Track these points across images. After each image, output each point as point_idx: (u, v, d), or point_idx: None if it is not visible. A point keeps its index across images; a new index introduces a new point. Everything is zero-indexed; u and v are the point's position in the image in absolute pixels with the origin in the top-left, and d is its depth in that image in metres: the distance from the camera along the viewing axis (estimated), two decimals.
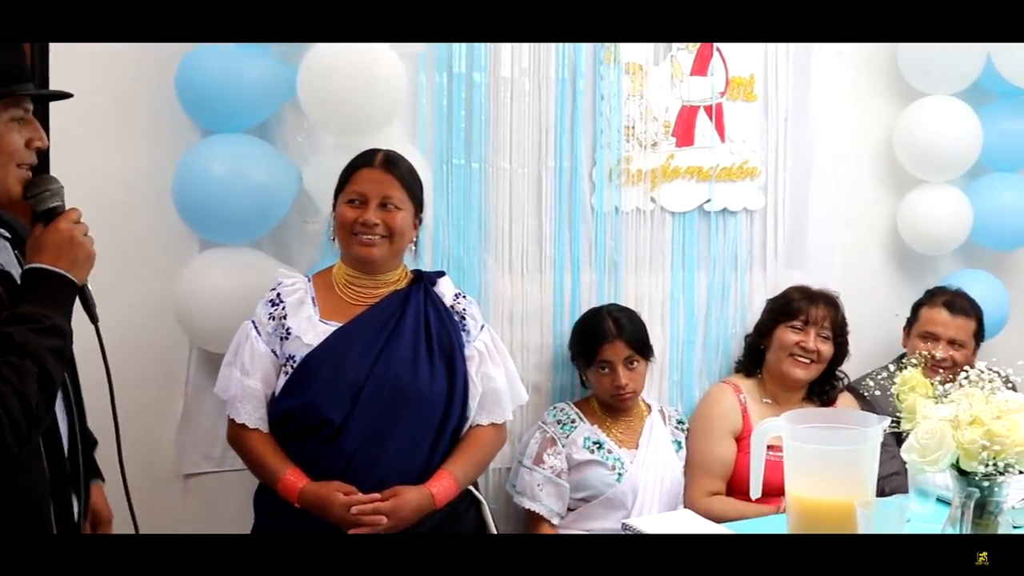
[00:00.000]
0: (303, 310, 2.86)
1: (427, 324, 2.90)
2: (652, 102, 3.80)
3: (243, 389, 2.84)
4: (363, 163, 2.89)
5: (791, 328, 3.67)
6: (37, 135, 2.16)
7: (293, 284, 2.91)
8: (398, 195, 2.86)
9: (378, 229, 2.83)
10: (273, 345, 2.85)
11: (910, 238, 4.30)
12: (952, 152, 4.20)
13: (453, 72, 3.52)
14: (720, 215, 3.94)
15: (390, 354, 2.82)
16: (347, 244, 2.87)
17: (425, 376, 2.84)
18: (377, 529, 2.70)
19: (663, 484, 3.54)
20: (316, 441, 2.78)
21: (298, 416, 2.80)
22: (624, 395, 3.50)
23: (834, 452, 2.61)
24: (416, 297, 2.92)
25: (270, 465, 2.80)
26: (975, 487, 2.31)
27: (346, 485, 2.73)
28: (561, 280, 3.73)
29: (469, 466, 2.93)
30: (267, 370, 2.85)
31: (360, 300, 2.89)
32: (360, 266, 2.89)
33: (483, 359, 2.98)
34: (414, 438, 2.82)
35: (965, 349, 3.83)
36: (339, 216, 2.87)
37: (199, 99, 3.18)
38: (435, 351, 2.88)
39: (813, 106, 4.09)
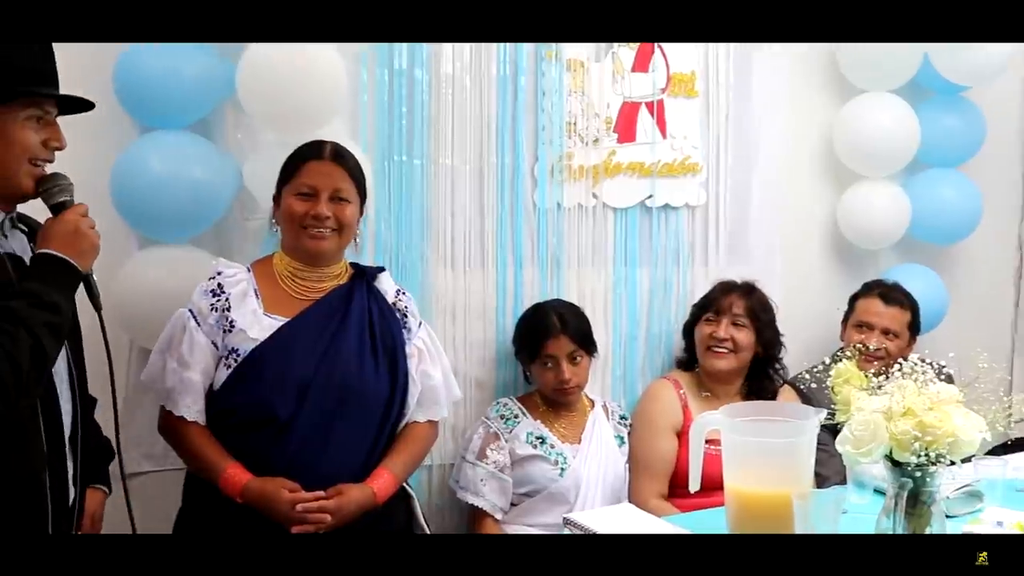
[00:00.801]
0: (247, 302, 2.82)
1: (371, 320, 2.90)
2: (593, 98, 3.81)
3: (181, 381, 2.79)
4: (312, 155, 2.87)
5: (706, 320, 3.72)
6: (54, 135, 2.28)
7: (235, 275, 2.87)
8: (347, 188, 2.86)
9: (329, 222, 2.82)
10: (214, 337, 2.81)
11: (850, 233, 4.35)
12: (890, 148, 4.26)
13: (394, 69, 3.51)
14: (662, 211, 3.96)
15: (336, 351, 2.81)
16: (296, 237, 2.85)
17: (370, 373, 2.84)
18: (320, 527, 2.69)
19: (606, 479, 3.55)
20: (261, 437, 2.75)
21: (243, 411, 2.77)
22: (568, 390, 3.52)
23: (770, 445, 2.64)
24: (360, 293, 2.91)
25: (210, 460, 2.76)
26: (908, 477, 2.34)
27: (291, 482, 2.71)
28: (503, 276, 3.74)
29: (407, 463, 2.94)
30: (207, 362, 2.81)
31: (304, 294, 2.88)
32: (307, 259, 2.87)
33: (422, 357, 2.99)
34: (357, 436, 2.82)
35: (899, 340, 3.88)
36: (287, 209, 2.84)
37: (138, 96, 3.16)
38: (379, 348, 2.88)
39: (754, 102, 4.12)
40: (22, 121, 2.22)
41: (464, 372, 3.71)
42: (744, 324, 3.66)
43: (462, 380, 3.67)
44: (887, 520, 2.38)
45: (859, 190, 4.30)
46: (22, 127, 2.22)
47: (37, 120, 2.25)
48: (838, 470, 3.27)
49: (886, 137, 4.24)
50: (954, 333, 4.27)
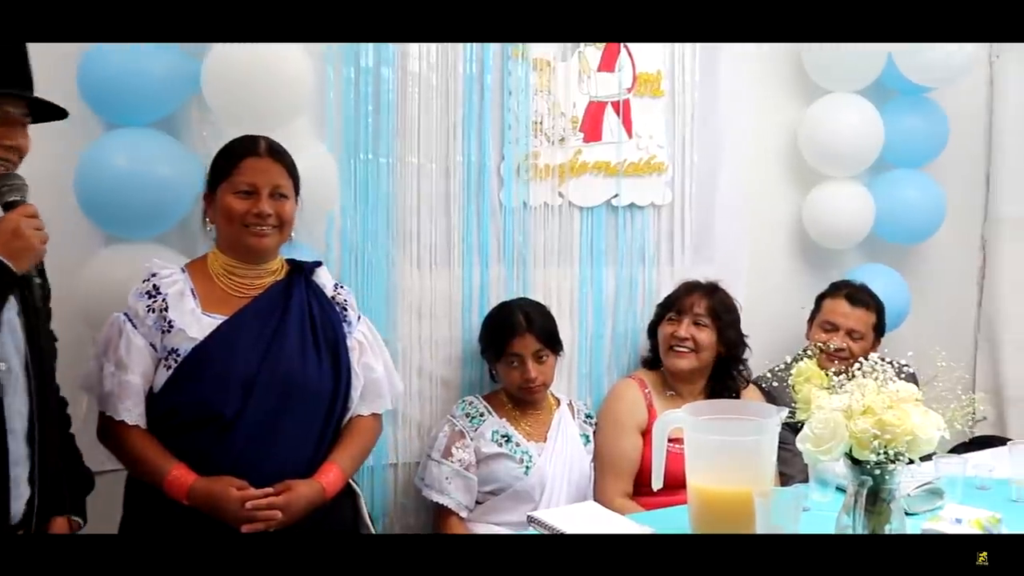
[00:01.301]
0: (184, 302, 2.78)
1: (311, 315, 2.87)
2: (560, 98, 3.83)
3: (120, 384, 2.73)
4: (247, 152, 2.83)
5: (668, 320, 3.73)
6: (7, 135, 2.29)
7: (170, 275, 2.82)
8: (286, 183, 2.83)
9: (271, 219, 2.79)
10: (152, 338, 2.76)
11: (814, 233, 4.38)
12: (855, 148, 4.30)
13: (361, 67, 3.51)
14: (628, 210, 3.98)
15: (279, 346, 2.78)
16: (238, 235, 2.81)
17: (314, 368, 2.82)
18: (271, 525, 2.67)
19: (571, 477, 3.56)
20: (205, 436, 2.71)
21: (185, 411, 2.73)
22: (533, 388, 3.53)
23: (733, 443, 2.66)
24: (298, 288, 2.89)
25: (154, 462, 2.71)
26: (868, 475, 2.36)
27: (238, 480, 2.67)
28: (470, 275, 3.74)
29: (354, 457, 2.92)
30: (146, 364, 2.76)
31: (242, 291, 2.84)
32: (247, 257, 2.84)
33: (363, 350, 2.98)
34: (303, 431, 2.80)
35: (863, 341, 3.89)
36: (227, 207, 2.80)
37: (102, 93, 3.13)
38: (321, 343, 2.86)
39: (720, 102, 4.15)
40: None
41: (430, 371, 3.71)
42: (706, 324, 3.67)
43: (427, 378, 3.71)
44: (847, 517, 2.40)
45: (824, 190, 4.34)
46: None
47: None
48: (802, 469, 3.30)
49: (851, 137, 4.28)
50: (917, 333, 4.30)
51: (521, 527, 3.26)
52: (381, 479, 3.65)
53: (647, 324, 3.96)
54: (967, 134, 4.71)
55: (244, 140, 2.88)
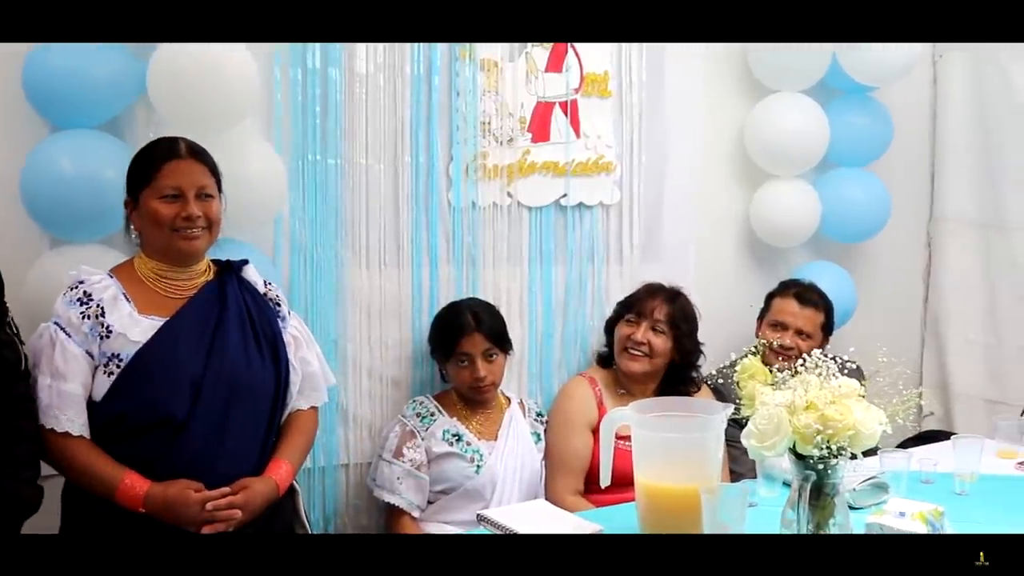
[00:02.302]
0: (119, 306, 2.72)
1: (249, 313, 2.86)
2: (508, 98, 3.84)
3: (60, 395, 2.65)
4: (169, 155, 2.78)
5: (626, 322, 3.73)
6: None
7: (100, 281, 2.76)
8: (210, 183, 2.80)
9: (200, 221, 2.75)
10: (89, 346, 2.69)
11: (762, 231, 4.43)
12: (800, 147, 4.35)
13: (308, 68, 3.50)
14: (576, 209, 4.00)
15: (221, 345, 2.76)
16: (167, 240, 2.76)
17: (256, 365, 2.81)
18: (231, 524, 2.65)
19: (522, 475, 3.57)
20: (156, 440, 2.67)
21: (134, 416, 2.68)
22: (483, 387, 3.54)
23: (678, 440, 2.68)
24: (231, 287, 2.87)
25: (102, 473, 2.65)
26: (811, 470, 2.38)
27: (195, 483, 2.65)
28: (419, 275, 3.74)
29: (300, 451, 2.93)
30: (84, 373, 2.69)
31: (176, 292, 2.80)
32: (177, 260, 2.80)
33: (298, 344, 2.98)
34: (250, 428, 2.79)
35: (812, 340, 3.92)
36: (153, 213, 2.74)
37: (47, 94, 3.11)
38: (261, 339, 2.85)
39: (667, 102, 4.18)
40: None
41: (380, 371, 3.71)
42: (663, 331, 3.67)
43: (377, 379, 3.71)
44: (792, 512, 2.42)
45: (770, 189, 4.38)
46: None
47: None
48: (752, 466, 3.31)
49: (796, 136, 4.33)
50: (863, 330, 4.35)
51: (472, 526, 3.26)
52: (333, 480, 3.64)
53: (597, 322, 3.99)
54: (911, 133, 4.77)
55: (162, 143, 2.84)
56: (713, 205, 4.39)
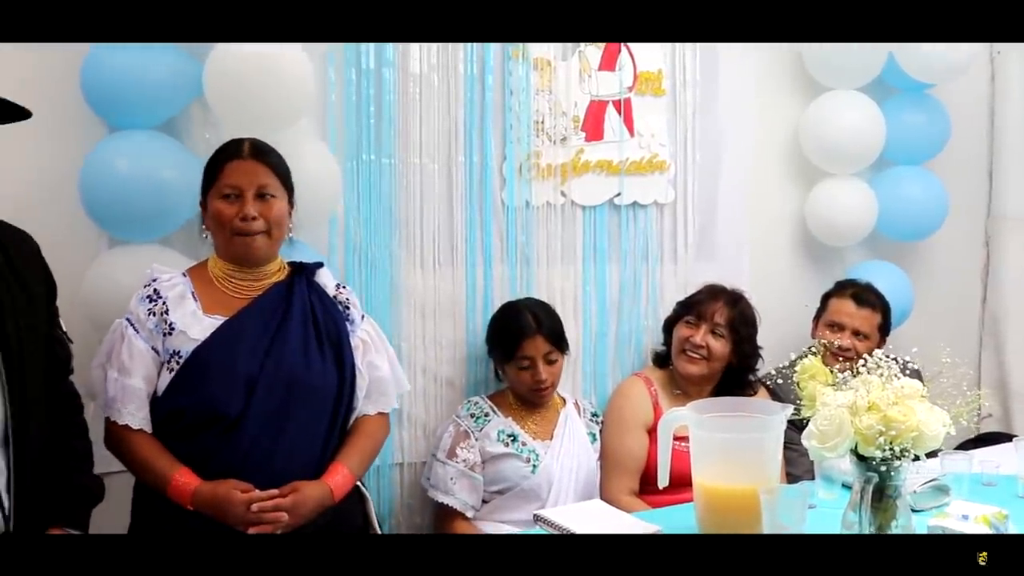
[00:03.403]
0: (185, 305, 2.77)
1: (314, 314, 2.86)
2: (561, 97, 3.83)
3: (124, 389, 2.72)
4: (232, 155, 2.82)
5: (686, 324, 3.70)
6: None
7: (171, 279, 2.82)
8: (273, 183, 2.81)
9: (257, 223, 2.77)
10: (154, 342, 2.75)
11: (817, 230, 4.38)
12: (856, 145, 4.29)
13: (362, 68, 3.52)
14: (630, 208, 3.98)
15: (281, 346, 2.77)
16: (227, 241, 2.80)
17: (317, 367, 2.81)
18: (277, 527, 2.65)
19: (578, 475, 3.56)
20: (210, 437, 2.70)
21: (190, 412, 2.71)
22: (543, 390, 3.53)
23: (737, 440, 2.66)
24: (300, 288, 2.88)
25: (158, 467, 2.70)
26: (873, 472, 2.36)
27: (242, 483, 2.65)
28: (473, 275, 3.75)
29: (362, 458, 2.91)
30: (149, 368, 2.75)
31: (243, 293, 2.83)
32: (241, 261, 2.83)
33: (367, 348, 2.96)
34: (308, 429, 2.78)
35: (869, 341, 3.87)
36: (214, 212, 2.79)
37: (105, 96, 3.14)
38: (324, 341, 2.85)
39: (721, 100, 4.14)
40: None
41: (435, 371, 3.72)
42: (723, 335, 3.64)
43: (432, 378, 3.71)
44: (853, 514, 2.40)
45: (826, 187, 4.34)
46: None
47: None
48: (808, 468, 3.29)
49: (852, 135, 4.27)
50: (920, 330, 4.30)
51: (528, 525, 3.26)
52: (387, 479, 3.65)
53: (651, 322, 3.98)
54: (969, 130, 4.70)
55: (228, 144, 2.87)
56: (768, 204, 4.36)
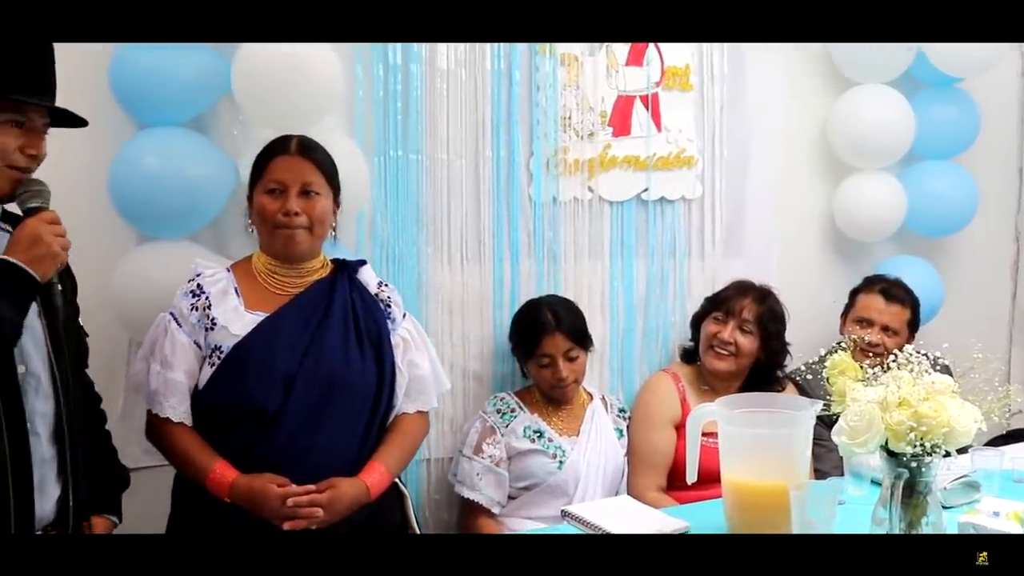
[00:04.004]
0: (227, 300, 2.80)
1: (354, 312, 2.87)
2: (588, 92, 3.82)
3: (165, 382, 2.75)
4: (279, 150, 2.84)
5: (714, 320, 3.69)
6: (30, 142, 2.29)
7: (214, 274, 2.85)
8: (317, 181, 2.83)
9: (300, 219, 2.79)
10: (196, 336, 2.78)
11: (845, 225, 4.36)
12: (885, 140, 4.28)
13: (389, 64, 3.52)
14: (658, 204, 3.97)
15: (320, 343, 2.78)
16: (270, 236, 2.83)
17: (356, 364, 2.81)
18: (312, 523, 2.66)
19: (605, 471, 3.55)
20: (248, 432, 2.71)
21: (229, 407, 2.73)
22: (565, 387, 3.53)
23: (767, 436, 2.65)
24: (341, 285, 2.88)
25: (197, 460, 2.72)
26: (904, 468, 2.34)
27: (279, 477, 2.67)
28: (500, 270, 3.75)
29: (399, 456, 2.90)
30: (190, 362, 2.78)
31: (284, 290, 2.85)
32: (283, 257, 2.85)
33: (408, 347, 2.96)
34: (346, 426, 2.79)
35: (898, 337, 3.86)
36: (259, 207, 2.82)
37: (134, 93, 3.16)
38: (364, 339, 2.85)
39: (748, 95, 4.13)
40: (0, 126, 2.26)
41: (462, 366, 3.72)
42: (751, 331, 3.64)
43: (460, 374, 3.71)
44: (883, 510, 2.39)
45: (854, 182, 4.32)
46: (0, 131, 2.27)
47: (16, 125, 2.27)
48: (836, 465, 3.28)
49: (881, 129, 4.25)
50: (950, 325, 4.28)
51: (555, 522, 3.26)
52: (415, 475, 3.66)
53: (678, 318, 3.97)
54: (999, 124, 4.68)
55: (277, 140, 2.89)
56: (796, 199, 4.34)
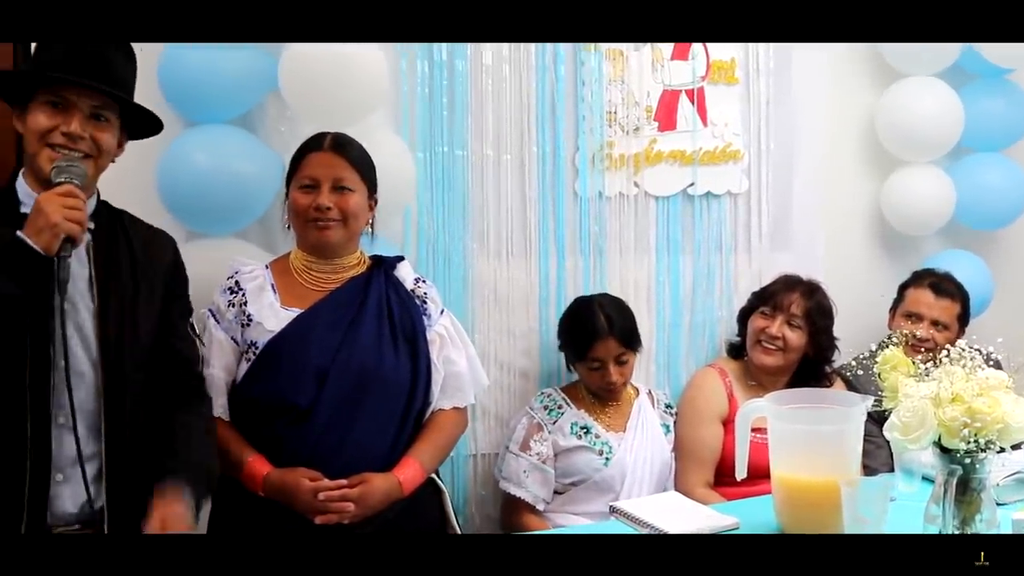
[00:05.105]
0: (263, 296, 2.84)
1: (389, 308, 2.89)
2: (633, 87, 3.82)
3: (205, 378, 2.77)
4: (312, 147, 2.87)
5: (761, 314, 3.67)
6: (64, 121, 2.33)
7: (251, 271, 2.89)
8: (350, 177, 2.84)
9: (332, 213, 2.81)
10: (233, 332, 2.83)
11: (893, 219, 4.32)
12: (934, 132, 4.24)
13: (434, 60, 3.53)
14: (704, 199, 3.96)
15: (353, 339, 2.80)
16: (303, 230, 2.86)
17: (390, 360, 2.83)
18: (344, 517, 2.67)
19: (652, 467, 3.54)
20: (281, 426, 2.74)
21: (263, 402, 2.77)
22: (614, 390, 3.52)
23: (818, 432, 2.62)
24: (377, 282, 2.90)
25: (233, 453, 2.74)
26: (957, 464, 2.32)
27: (312, 471, 2.69)
28: (546, 266, 3.74)
29: (435, 452, 2.91)
30: (227, 358, 2.83)
31: (320, 286, 2.88)
32: (317, 252, 2.88)
33: (444, 343, 2.97)
34: (380, 422, 2.80)
35: (948, 331, 3.83)
36: (292, 202, 2.86)
37: (182, 91, 3.18)
38: (398, 335, 2.87)
39: (795, 88, 4.11)
40: (39, 104, 2.33)
41: (508, 362, 3.73)
42: (799, 326, 3.61)
43: (505, 370, 3.71)
44: (936, 507, 2.37)
45: (902, 176, 4.28)
46: (39, 110, 2.33)
47: (53, 105, 2.32)
48: (885, 461, 3.26)
49: (929, 122, 4.21)
50: (1000, 319, 4.22)
51: (601, 518, 3.26)
52: (462, 471, 3.66)
53: (724, 313, 3.96)
54: None
55: (312, 137, 2.92)
56: (843, 193, 4.30)
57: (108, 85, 2.37)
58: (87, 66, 2.33)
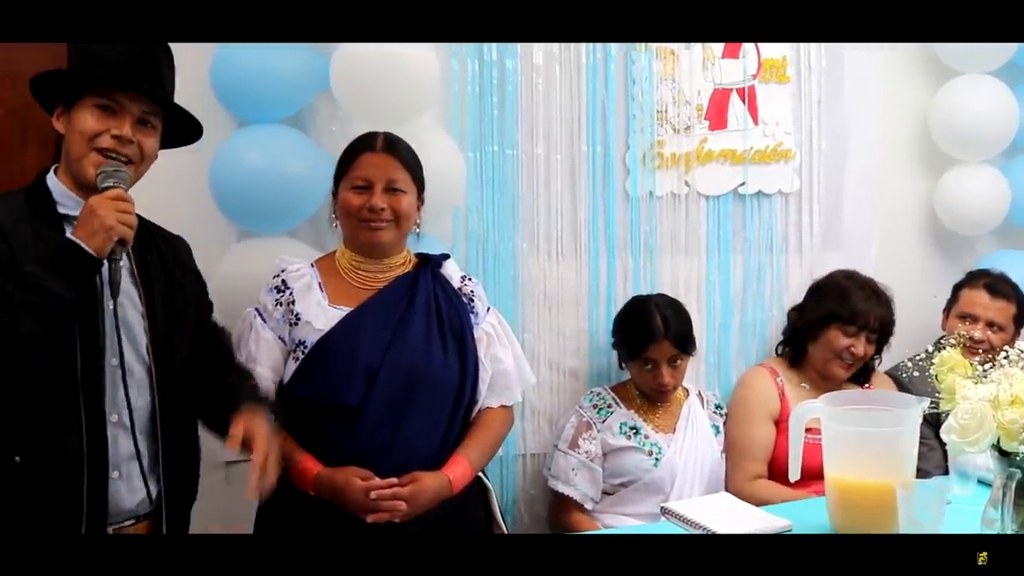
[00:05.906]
0: (311, 295, 2.83)
1: (437, 306, 2.89)
2: (684, 86, 3.80)
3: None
4: (364, 147, 2.87)
5: (844, 331, 3.57)
6: (115, 124, 2.33)
7: (298, 270, 2.88)
8: (402, 178, 2.84)
9: (385, 214, 2.81)
10: (281, 332, 2.83)
11: (947, 219, 4.28)
12: (988, 131, 4.19)
13: (485, 59, 3.53)
14: (755, 198, 3.93)
15: (402, 338, 2.80)
16: (354, 230, 2.86)
17: (438, 359, 2.83)
18: (396, 516, 2.67)
19: (702, 468, 3.52)
20: (331, 426, 2.74)
21: (312, 401, 2.77)
22: (665, 392, 3.51)
23: (873, 434, 2.60)
24: (424, 280, 2.91)
25: (282, 453, 2.69)
26: (1016, 467, 2.30)
27: (363, 470, 2.69)
28: (596, 265, 3.74)
29: (483, 450, 2.91)
30: (275, 358, 2.82)
31: (368, 284, 2.88)
32: (367, 251, 2.88)
33: (491, 341, 2.97)
34: (429, 421, 2.80)
35: (1004, 332, 3.78)
36: (344, 203, 2.85)
37: (234, 91, 3.21)
38: (446, 333, 2.87)
39: (847, 86, 4.07)
40: (89, 107, 2.33)
41: (558, 361, 3.72)
42: (874, 340, 3.60)
43: (555, 369, 3.71)
44: (995, 511, 2.34)
45: (956, 175, 4.23)
46: (88, 113, 2.33)
47: (101, 108, 2.33)
48: (938, 463, 3.23)
49: (983, 120, 4.17)
50: None
51: (651, 519, 3.25)
52: (511, 470, 3.66)
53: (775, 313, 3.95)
54: None
55: (363, 137, 2.92)
56: (895, 192, 4.26)
57: (159, 91, 2.39)
58: (141, 70, 2.35)
